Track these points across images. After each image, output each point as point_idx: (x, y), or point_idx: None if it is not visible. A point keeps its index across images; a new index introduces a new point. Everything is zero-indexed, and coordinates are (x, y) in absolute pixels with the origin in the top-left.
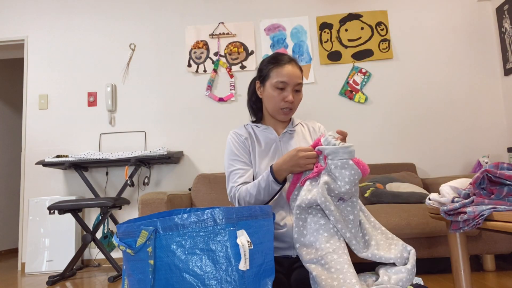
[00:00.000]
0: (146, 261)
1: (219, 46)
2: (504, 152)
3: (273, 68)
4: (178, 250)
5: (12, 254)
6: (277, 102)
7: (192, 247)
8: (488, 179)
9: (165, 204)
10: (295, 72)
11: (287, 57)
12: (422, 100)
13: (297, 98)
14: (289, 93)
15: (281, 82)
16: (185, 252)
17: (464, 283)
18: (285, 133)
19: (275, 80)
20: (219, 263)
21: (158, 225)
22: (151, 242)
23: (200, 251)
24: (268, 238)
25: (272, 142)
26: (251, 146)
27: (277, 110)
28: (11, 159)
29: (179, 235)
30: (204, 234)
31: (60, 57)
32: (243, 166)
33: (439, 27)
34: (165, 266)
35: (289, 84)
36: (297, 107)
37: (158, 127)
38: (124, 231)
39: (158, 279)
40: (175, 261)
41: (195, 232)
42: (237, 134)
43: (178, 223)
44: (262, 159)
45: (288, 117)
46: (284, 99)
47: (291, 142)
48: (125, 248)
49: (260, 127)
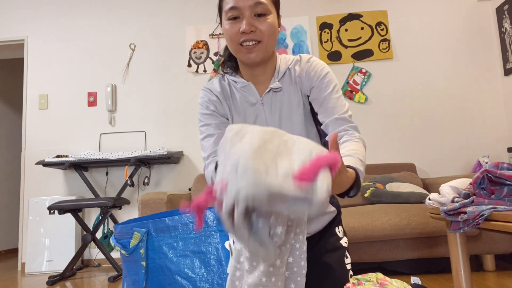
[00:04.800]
0: (139, 263)
1: (219, 46)
2: (504, 152)
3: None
4: (170, 252)
5: (12, 254)
6: (233, 37)
7: (184, 249)
8: (488, 179)
9: (165, 204)
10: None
11: None
12: (422, 100)
13: (263, 25)
14: (242, 21)
15: (230, 9)
16: (176, 254)
17: (464, 283)
18: (268, 92)
19: (225, 8)
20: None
21: (150, 227)
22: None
23: (191, 253)
24: None
25: (251, 106)
26: (228, 107)
27: (237, 48)
28: (11, 159)
29: (171, 237)
30: (196, 236)
31: (60, 57)
32: (214, 131)
33: (439, 27)
34: (157, 268)
35: (240, 8)
36: (268, 37)
37: (158, 127)
38: (120, 232)
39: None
40: (167, 263)
41: (186, 234)
42: (209, 91)
43: (170, 225)
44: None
45: (255, 56)
46: (239, 31)
47: (275, 105)
48: (120, 249)
49: (238, 83)
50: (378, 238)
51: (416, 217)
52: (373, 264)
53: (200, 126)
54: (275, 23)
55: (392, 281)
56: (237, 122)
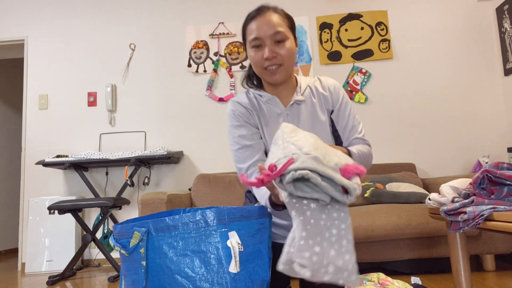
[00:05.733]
0: (139, 262)
1: (219, 46)
2: (504, 152)
3: (246, 27)
4: (170, 252)
5: (12, 254)
6: (258, 62)
7: (184, 249)
8: (488, 179)
9: (165, 204)
10: (266, 22)
11: (255, 10)
12: (422, 100)
13: (282, 50)
14: (265, 48)
15: (253, 40)
16: (176, 254)
17: (464, 283)
18: (292, 104)
19: (249, 39)
20: (210, 265)
21: (150, 226)
22: (143, 243)
23: (191, 252)
24: (263, 239)
25: (278, 117)
26: (257, 118)
27: (262, 71)
28: (11, 159)
29: (171, 236)
30: (196, 235)
31: (60, 57)
32: (249, 142)
33: (439, 27)
34: (157, 267)
35: (262, 38)
36: (288, 61)
37: (158, 127)
38: (119, 232)
39: (150, 280)
40: (167, 262)
41: (186, 234)
42: (238, 104)
43: (170, 224)
44: (270, 138)
45: (279, 78)
46: (263, 57)
47: (301, 116)
48: (120, 249)
49: (263, 96)
50: (378, 238)
51: (416, 217)
52: (373, 264)
53: (233, 137)
54: (293, 46)
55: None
56: (266, 132)
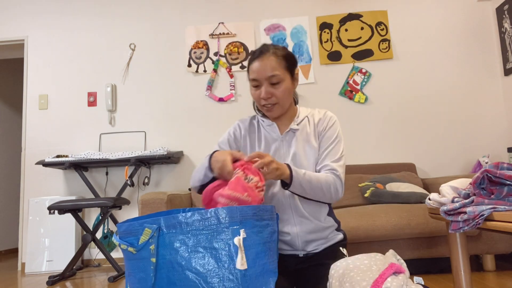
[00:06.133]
0: (148, 259)
1: (219, 46)
2: (504, 152)
3: (248, 66)
4: (181, 248)
5: (12, 254)
6: (256, 99)
7: (195, 245)
8: (488, 179)
9: (165, 204)
10: (264, 66)
11: (258, 50)
12: (422, 100)
13: (278, 91)
14: (261, 89)
15: (252, 80)
16: (188, 250)
17: (464, 283)
18: (288, 131)
19: (250, 77)
20: (221, 261)
21: (161, 223)
22: (154, 240)
23: (203, 249)
24: (272, 238)
25: (273, 142)
26: (250, 142)
27: (261, 107)
28: (11, 159)
29: (183, 233)
30: (208, 232)
31: (60, 57)
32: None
33: (439, 27)
34: (167, 264)
35: (259, 80)
36: (283, 99)
37: (158, 127)
38: (126, 230)
39: (159, 277)
40: (177, 259)
41: (198, 231)
42: (238, 126)
43: (182, 221)
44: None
45: (274, 114)
46: (260, 96)
47: (292, 142)
48: (127, 247)
49: (265, 122)
50: (378, 238)
51: (416, 217)
52: None
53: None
54: (289, 87)
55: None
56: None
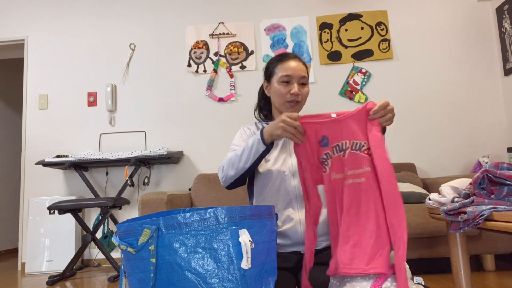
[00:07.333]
0: (147, 260)
1: (219, 46)
2: (504, 152)
3: (278, 64)
4: (181, 249)
5: (12, 254)
6: (283, 95)
7: (195, 246)
8: (488, 179)
9: (165, 204)
10: (299, 66)
11: (291, 54)
12: (422, 100)
13: (303, 91)
14: (294, 86)
15: (285, 76)
16: (187, 251)
17: (464, 283)
18: None
19: (280, 74)
20: (221, 262)
21: (160, 223)
22: (154, 241)
23: (202, 249)
24: (271, 237)
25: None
26: None
27: (284, 103)
28: (11, 159)
29: (182, 233)
30: (207, 233)
31: (60, 57)
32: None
33: (439, 27)
34: (166, 265)
35: (293, 77)
36: (304, 100)
37: (158, 127)
38: (125, 230)
39: (159, 277)
40: (177, 259)
41: (197, 231)
42: (247, 128)
43: (181, 222)
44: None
45: (295, 110)
46: (289, 92)
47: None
48: (126, 247)
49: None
50: None
51: (416, 217)
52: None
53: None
54: (309, 91)
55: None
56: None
